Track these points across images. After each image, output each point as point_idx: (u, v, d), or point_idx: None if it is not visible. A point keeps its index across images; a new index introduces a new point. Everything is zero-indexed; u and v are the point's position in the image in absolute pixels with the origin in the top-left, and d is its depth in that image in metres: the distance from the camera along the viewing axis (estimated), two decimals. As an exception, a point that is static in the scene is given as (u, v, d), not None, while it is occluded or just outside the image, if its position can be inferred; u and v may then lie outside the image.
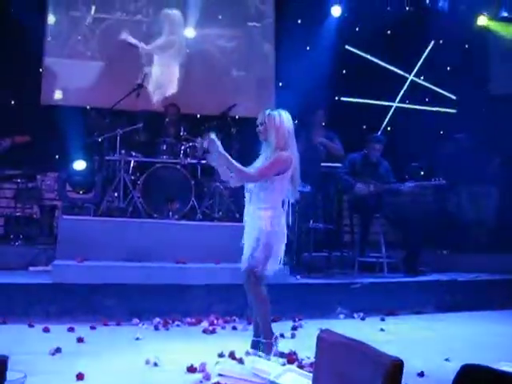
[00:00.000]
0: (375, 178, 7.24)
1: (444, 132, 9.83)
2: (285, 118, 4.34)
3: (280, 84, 9.50)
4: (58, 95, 8.81)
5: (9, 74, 8.07)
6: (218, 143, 4.11)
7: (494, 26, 9.69)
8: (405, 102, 10.11)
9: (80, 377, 3.64)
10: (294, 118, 4.38)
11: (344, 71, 9.71)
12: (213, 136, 4.13)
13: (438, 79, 10.04)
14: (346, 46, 9.70)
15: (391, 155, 7.67)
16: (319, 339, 2.03)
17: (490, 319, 6.22)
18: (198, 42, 9.04)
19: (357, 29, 9.77)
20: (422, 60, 10.06)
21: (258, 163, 4.34)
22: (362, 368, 1.78)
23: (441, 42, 9.98)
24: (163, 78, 8.53)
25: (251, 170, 4.27)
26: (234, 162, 4.18)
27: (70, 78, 8.75)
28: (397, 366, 1.70)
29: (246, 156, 4.66)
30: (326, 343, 2.00)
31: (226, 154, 4.14)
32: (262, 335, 4.32)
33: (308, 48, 9.44)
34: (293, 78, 8.75)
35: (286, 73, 9.08)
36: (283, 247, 4.33)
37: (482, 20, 9.59)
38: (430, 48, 10.03)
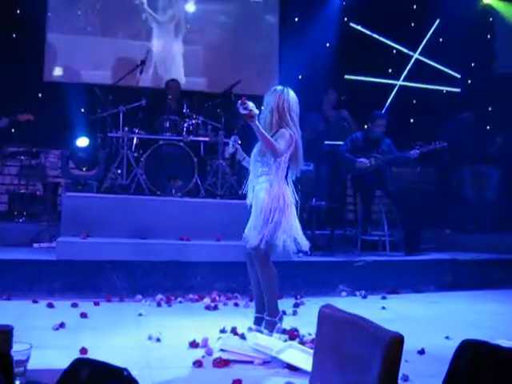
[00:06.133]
0: (377, 154, 7.21)
1: (448, 111, 9.78)
2: (287, 95, 4.29)
3: (284, 60, 9.44)
4: (60, 72, 8.77)
5: (11, 51, 8.03)
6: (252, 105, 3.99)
7: (498, 4, 9.65)
8: (409, 81, 10.05)
9: (83, 352, 3.66)
10: (297, 94, 4.35)
11: (348, 49, 9.66)
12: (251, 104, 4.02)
13: (443, 58, 9.98)
14: (351, 24, 9.63)
15: (395, 134, 7.64)
16: (320, 314, 2.05)
17: (490, 298, 6.25)
18: (200, 18, 8.97)
19: (362, 6, 9.70)
20: (426, 38, 9.98)
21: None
22: (363, 343, 1.80)
23: (446, 20, 9.90)
24: (165, 55, 8.48)
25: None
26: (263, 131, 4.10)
27: (73, 55, 8.70)
28: (397, 341, 1.71)
29: (250, 133, 4.65)
30: (328, 318, 2.01)
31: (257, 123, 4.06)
32: (267, 312, 4.33)
33: (312, 25, 9.37)
34: (297, 54, 8.70)
35: (290, 49, 9.03)
36: (296, 224, 4.28)
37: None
38: (435, 26, 9.95)
